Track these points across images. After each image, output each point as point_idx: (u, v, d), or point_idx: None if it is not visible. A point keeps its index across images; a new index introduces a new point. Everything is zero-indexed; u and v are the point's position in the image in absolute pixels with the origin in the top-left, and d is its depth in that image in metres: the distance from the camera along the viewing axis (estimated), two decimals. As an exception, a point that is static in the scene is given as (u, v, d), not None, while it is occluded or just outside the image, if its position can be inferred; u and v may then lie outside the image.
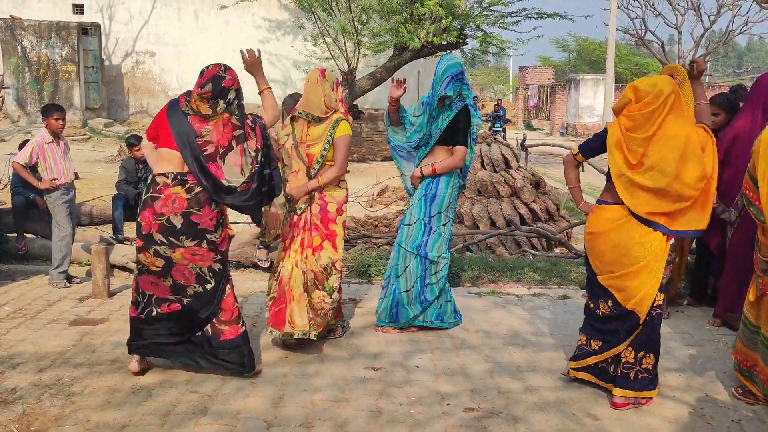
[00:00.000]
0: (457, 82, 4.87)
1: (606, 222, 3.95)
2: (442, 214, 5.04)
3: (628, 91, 3.93)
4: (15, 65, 19.16)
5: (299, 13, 18.81)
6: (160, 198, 3.89)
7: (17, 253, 6.83)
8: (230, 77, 4.03)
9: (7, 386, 3.98)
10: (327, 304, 4.54)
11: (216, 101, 3.96)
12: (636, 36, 32.37)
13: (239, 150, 4.01)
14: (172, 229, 3.90)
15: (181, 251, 3.94)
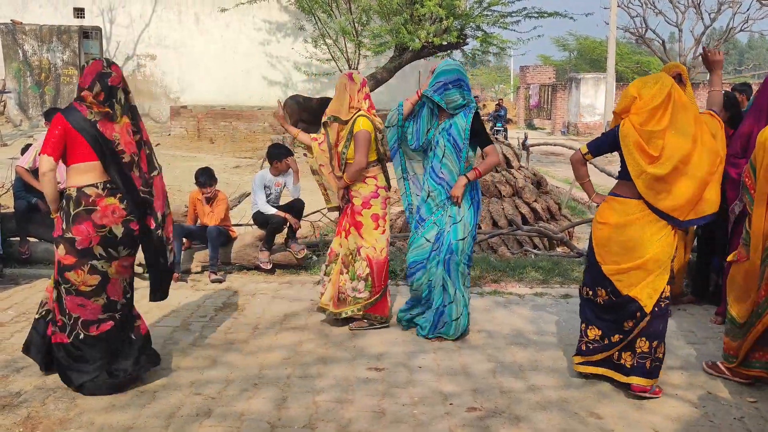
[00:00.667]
0: (450, 90, 4.76)
1: (620, 214, 4.06)
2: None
3: (631, 90, 4.05)
4: (16, 69, 19.22)
5: (299, 14, 18.85)
6: (97, 210, 3.71)
7: (20, 257, 6.85)
8: (116, 73, 3.77)
9: (12, 390, 3.99)
10: (348, 289, 5.04)
11: (111, 103, 3.74)
12: (637, 34, 32.36)
13: (143, 156, 3.89)
14: (112, 240, 3.76)
15: (116, 264, 3.83)
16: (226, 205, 6.98)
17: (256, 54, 20.34)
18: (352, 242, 5.15)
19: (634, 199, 4.03)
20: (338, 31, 16.47)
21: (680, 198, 3.95)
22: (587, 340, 4.26)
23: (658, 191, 3.96)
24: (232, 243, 6.91)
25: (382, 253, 5.15)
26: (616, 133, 4.08)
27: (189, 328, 5.16)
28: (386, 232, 5.21)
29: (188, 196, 7.29)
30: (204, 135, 20.13)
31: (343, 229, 5.23)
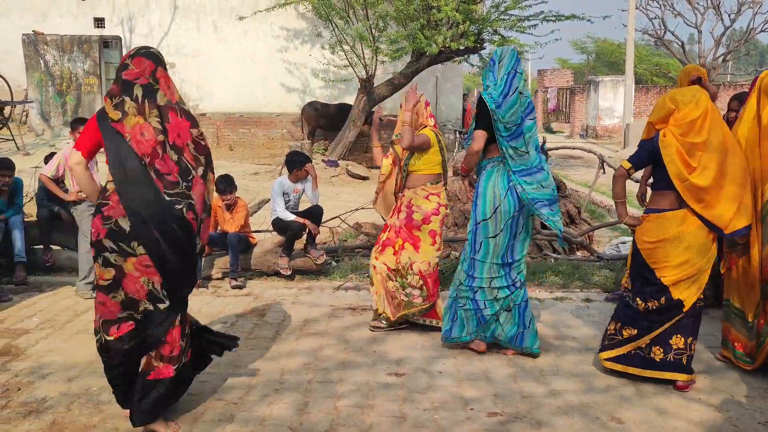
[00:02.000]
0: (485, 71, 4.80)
1: (673, 227, 4.18)
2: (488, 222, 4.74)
3: (668, 102, 4.24)
4: (38, 79, 19.44)
5: (317, 21, 18.91)
6: (108, 204, 3.45)
7: (44, 265, 6.94)
8: (135, 67, 3.44)
9: (38, 396, 4.05)
10: (401, 294, 5.19)
11: (123, 100, 3.41)
12: (655, 36, 32.16)
13: (165, 157, 3.46)
14: (120, 233, 3.40)
15: (132, 261, 3.43)
16: (246, 212, 7.03)
17: (273, 61, 20.41)
18: (405, 257, 5.21)
19: (680, 210, 4.18)
20: (355, 37, 16.50)
21: (721, 209, 4.14)
22: (620, 339, 4.36)
23: (701, 200, 4.13)
24: (252, 249, 6.95)
25: (434, 267, 5.24)
26: (655, 144, 4.20)
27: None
28: (440, 250, 5.32)
29: (208, 203, 7.34)
30: (223, 142, 20.25)
31: (390, 245, 5.26)
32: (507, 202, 4.58)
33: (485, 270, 4.68)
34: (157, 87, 3.49)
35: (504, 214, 4.59)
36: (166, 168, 3.44)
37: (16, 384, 4.21)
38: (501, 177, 4.63)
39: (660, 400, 4.10)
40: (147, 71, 3.44)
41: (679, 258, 4.17)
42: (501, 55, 4.68)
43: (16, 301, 6.00)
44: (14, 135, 17.27)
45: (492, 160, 4.69)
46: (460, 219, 8.82)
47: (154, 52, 3.56)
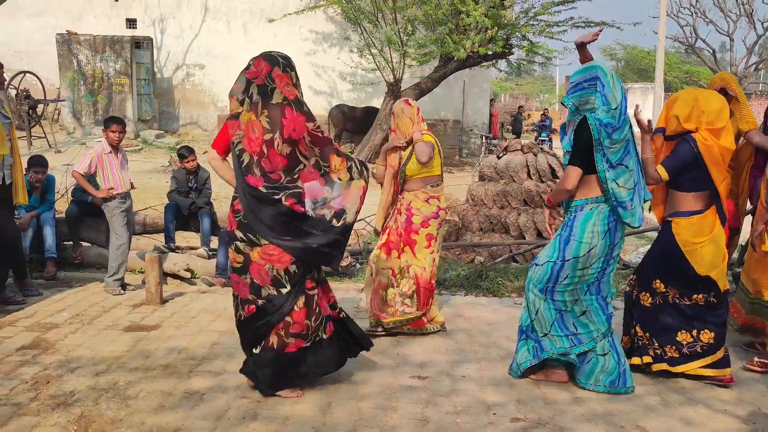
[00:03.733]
0: (585, 90, 4.09)
1: (710, 227, 4.40)
2: (579, 259, 4.18)
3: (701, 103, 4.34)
4: (71, 79, 19.74)
5: (345, 25, 19.00)
6: (238, 198, 3.85)
7: (73, 261, 7.05)
8: (254, 68, 3.67)
9: (66, 389, 4.12)
10: (398, 302, 5.16)
11: (243, 96, 3.71)
12: (686, 44, 31.85)
13: (271, 155, 3.70)
14: (247, 225, 3.79)
15: (258, 250, 3.80)
16: (273, 213, 7.08)
17: (302, 64, 20.45)
18: (404, 260, 5.21)
19: (708, 209, 4.40)
20: (384, 41, 16.56)
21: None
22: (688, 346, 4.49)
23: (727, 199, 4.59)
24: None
25: (429, 273, 5.20)
26: (694, 148, 4.29)
27: (235, 332, 5.22)
28: (435, 253, 5.25)
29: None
30: (250, 143, 20.44)
31: (395, 247, 5.22)
32: (603, 243, 4.16)
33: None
34: (273, 87, 3.73)
35: (596, 256, 4.18)
36: (270, 166, 3.71)
37: (45, 377, 4.29)
38: (602, 217, 4.15)
39: (686, 410, 4.06)
40: (264, 72, 3.68)
41: (711, 255, 4.40)
42: (605, 71, 4.12)
43: (46, 296, 6.10)
44: (46, 133, 17.57)
45: (591, 200, 4.16)
46: (485, 224, 8.80)
47: (273, 55, 3.82)
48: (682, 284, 4.45)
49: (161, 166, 15.78)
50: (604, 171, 4.04)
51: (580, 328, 4.27)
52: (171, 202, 7.42)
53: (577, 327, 4.27)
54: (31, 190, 6.71)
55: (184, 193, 7.47)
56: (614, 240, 4.20)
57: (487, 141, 20.48)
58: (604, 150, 4.01)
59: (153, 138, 19.87)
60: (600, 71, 4.10)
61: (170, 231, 7.31)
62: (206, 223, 7.23)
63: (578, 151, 4.10)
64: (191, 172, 7.51)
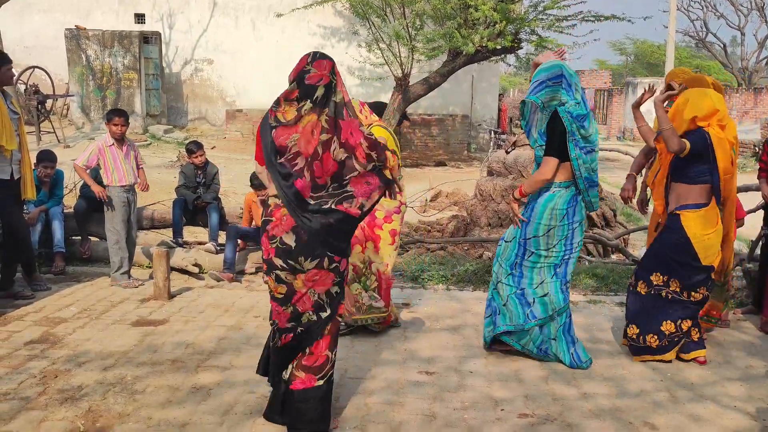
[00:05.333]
0: (550, 87, 4.36)
1: (716, 219, 4.61)
2: (539, 239, 4.49)
3: (716, 102, 4.51)
4: (80, 74, 19.79)
5: (354, 19, 18.96)
6: (272, 220, 3.45)
7: (81, 256, 7.07)
8: (317, 70, 3.40)
9: (74, 384, 4.13)
10: (365, 298, 4.97)
11: (304, 102, 3.38)
12: (696, 38, 31.66)
13: (324, 158, 3.37)
14: (287, 250, 3.39)
15: (302, 278, 3.43)
16: (281, 208, 7.07)
17: (310, 59, 20.57)
18: (367, 255, 5.05)
19: (713, 202, 4.57)
20: (392, 35, 16.51)
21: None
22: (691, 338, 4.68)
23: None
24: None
25: (389, 270, 5.15)
26: (707, 138, 4.44)
27: (243, 327, 5.25)
28: (397, 249, 5.23)
29: (243, 198, 7.42)
30: (258, 138, 20.44)
31: (357, 242, 4.96)
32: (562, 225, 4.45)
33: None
34: (335, 83, 3.47)
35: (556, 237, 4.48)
36: (320, 170, 3.36)
37: (53, 371, 4.30)
38: (562, 201, 4.43)
39: (694, 406, 4.04)
40: (327, 69, 3.43)
41: (718, 245, 4.63)
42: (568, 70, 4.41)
43: (55, 291, 6.12)
44: (55, 128, 17.62)
45: (559, 185, 4.44)
46: (494, 219, 8.78)
47: (324, 53, 3.55)
48: (685, 276, 4.57)
49: (169, 161, 15.81)
50: (576, 159, 4.36)
51: (538, 304, 4.54)
52: (179, 197, 7.43)
53: (535, 301, 4.55)
54: (39, 185, 6.74)
55: (193, 188, 7.47)
56: (572, 223, 4.48)
57: (495, 136, 20.42)
58: (576, 139, 4.35)
59: (161, 133, 19.91)
60: (563, 68, 4.41)
61: (178, 226, 7.32)
62: (214, 218, 7.23)
63: (553, 142, 4.38)
64: (200, 167, 7.51)
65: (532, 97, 4.39)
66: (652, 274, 4.67)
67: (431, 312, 5.74)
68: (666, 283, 4.63)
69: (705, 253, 4.54)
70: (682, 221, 4.53)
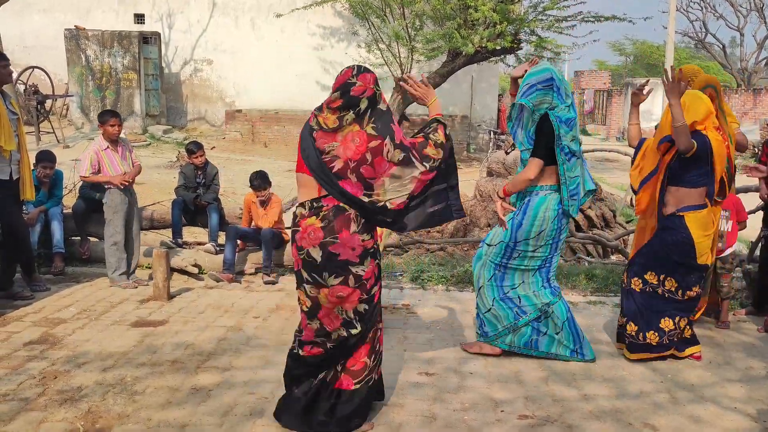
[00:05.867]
0: (540, 91, 4.44)
1: (714, 220, 4.75)
2: (530, 241, 4.57)
3: (709, 105, 4.58)
4: (79, 74, 19.78)
5: (353, 20, 18.96)
6: (299, 231, 3.50)
7: (81, 257, 7.06)
8: (361, 83, 3.49)
9: (73, 385, 4.12)
10: None
11: (346, 112, 3.46)
12: (696, 39, 31.68)
13: (377, 162, 3.42)
14: (312, 264, 3.45)
15: (325, 292, 3.47)
16: (280, 208, 7.08)
17: (310, 59, 20.51)
18: None
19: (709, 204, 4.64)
20: (392, 36, 16.51)
21: None
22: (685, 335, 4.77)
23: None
24: (286, 245, 6.99)
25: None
26: (707, 143, 4.49)
27: (242, 328, 5.24)
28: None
29: (243, 198, 7.41)
30: (258, 139, 20.42)
31: None
32: (552, 227, 4.54)
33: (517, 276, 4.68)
34: (379, 94, 3.57)
35: (545, 239, 4.57)
36: (373, 173, 3.41)
37: (52, 372, 4.29)
38: (554, 203, 4.51)
39: (695, 407, 4.03)
40: (371, 82, 3.53)
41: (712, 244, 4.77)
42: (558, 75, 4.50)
43: (54, 291, 6.11)
44: (55, 128, 17.61)
45: (549, 187, 4.53)
46: (493, 220, 8.77)
47: (367, 67, 3.67)
48: (682, 275, 4.65)
49: (169, 162, 15.80)
50: (562, 164, 4.45)
51: (525, 301, 4.64)
52: (178, 197, 7.42)
53: (521, 299, 4.64)
54: (38, 185, 6.72)
55: (192, 188, 7.47)
56: (561, 225, 4.57)
57: (495, 136, 20.41)
58: (563, 144, 4.42)
59: (161, 133, 19.90)
60: (553, 73, 4.49)
61: (177, 226, 7.31)
62: (214, 219, 7.23)
63: (540, 144, 4.47)
64: (199, 167, 7.51)
65: (523, 99, 4.46)
66: (647, 272, 4.70)
67: (431, 313, 5.74)
68: (661, 282, 4.68)
69: (702, 253, 4.61)
70: (687, 222, 4.57)
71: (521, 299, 4.65)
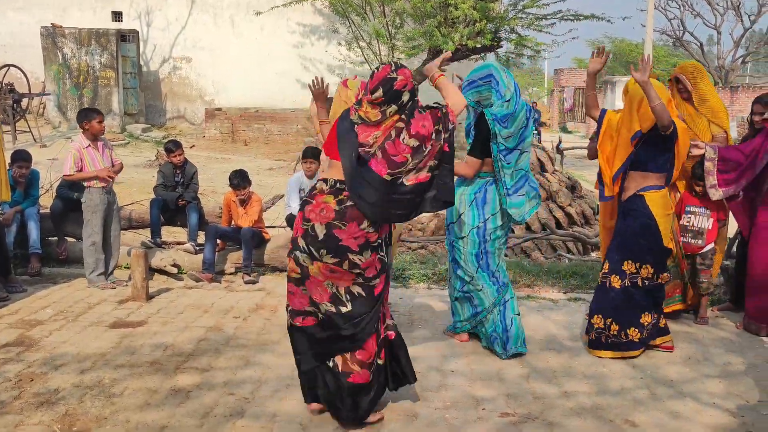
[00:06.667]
0: (482, 87, 4.60)
1: (671, 202, 4.91)
2: (454, 225, 4.84)
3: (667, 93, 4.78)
4: (56, 72, 19.57)
5: (333, 17, 18.92)
6: (311, 203, 3.61)
7: (58, 257, 6.97)
8: (402, 77, 3.63)
9: (50, 387, 4.06)
10: None
11: (388, 105, 3.60)
12: (674, 37, 31.96)
13: (396, 142, 3.57)
14: (314, 238, 3.55)
15: (318, 265, 3.57)
16: (260, 207, 7.03)
17: (290, 57, 20.43)
18: None
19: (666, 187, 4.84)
20: (372, 34, 16.49)
21: None
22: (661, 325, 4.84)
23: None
24: (266, 245, 6.96)
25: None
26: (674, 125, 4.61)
27: (222, 328, 5.20)
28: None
29: (223, 197, 7.36)
30: (238, 137, 20.30)
31: None
32: (471, 213, 4.70)
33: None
34: (417, 88, 3.73)
35: (468, 225, 4.72)
36: (395, 150, 3.54)
37: (29, 375, 4.23)
38: (471, 189, 4.71)
39: (674, 403, 4.06)
40: (410, 76, 3.67)
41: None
42: (498, 70, 4.60)
43: (31, 293, 6.03)
44: (31, 127, 17.40)
45: (482, 174, 4.70)
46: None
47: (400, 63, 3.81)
48: (654, 258, 4.71)
49: (148, 161, 15.67)
50: (498, 161, 4.55)
51: (476, 299, 4.78)
52: (157, 196, 7.36)
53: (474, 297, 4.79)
54: (14, 185, 6.63)
55: (171, 187, 7.40)
56: (483, 213, 4.65)
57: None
58: (498, 141, 4.51)
59: (139, 132, 19.74)
60: (493, 69, 4.60)
61: (156, 226, 7.24)
62: (193, 218, 7.16)
63: (477, 142, 4.61)
64: (178, 166, 7.44)
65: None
66: (623, 263, 4.72)
67: (413, 311, 5.73)
68: (638, 270, 4.70)
69: (664, 234, 4.73)
70: (647, 201, 4.67)
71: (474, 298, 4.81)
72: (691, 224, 5.40)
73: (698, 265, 5.44)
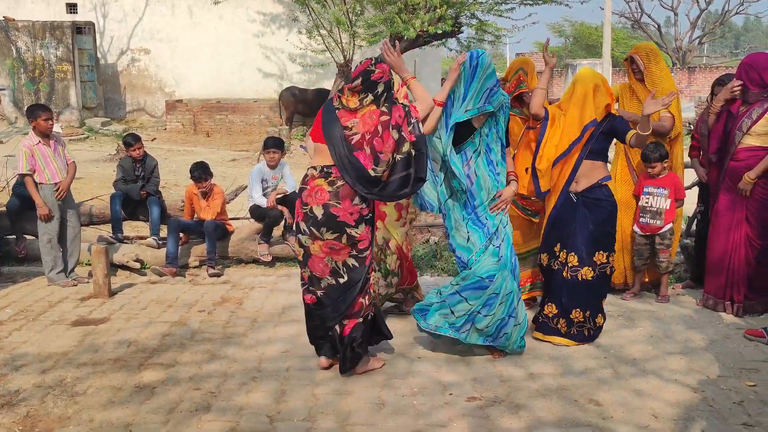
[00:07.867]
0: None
1: None
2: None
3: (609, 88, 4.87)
4: (10, 66, 19.11)
5: (293, 6, 18.71)
6: (306, 189, 4.06)
7: (17, 256, 6.83)
8: (380, 71, 4.08)
9: (11, 388, 3.99)
10: (380, 287, 4.97)
11: (365, 94, 4.04)
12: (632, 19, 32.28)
13: (385, 136, 3.99)
14: (314, 219, 4.01)
15: (319, 243, 4.04)
16: (223, 199, 6.97)
17: (250, 46, 20.20)
18: (380, 237, 4.95)
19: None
20: (332, 21, 16.36)
21: None
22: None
23: None
24: (230, 237, 6.90)
25: (405, 246, 5.10)
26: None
27: (187, 323, 5.16)
28: (406, 225, 5.13)
29: (185, 190, 7.27)
30: (200, 129, 20.04)
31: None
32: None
33: None
34: (393, 80, 4.20)
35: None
36: (382, 146, 3.97)
37: (-12, 376, 4.15)
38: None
39: (637, 381, 4.13)
40: (387, 70, 4.13)
41: None
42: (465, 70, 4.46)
43: (-11, 293, 5.91)
44: (-14, 123, 17.00)
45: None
46: (438, 204, 8.79)
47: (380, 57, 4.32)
48: (611, 244, 4.78)
49: (108, 155, 15.37)
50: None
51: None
52: (118, 191, 7.24)
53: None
54: (-32, 183, 6.47)
55: (131, 181, 7.30)
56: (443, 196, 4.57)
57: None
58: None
59: (99, 126, 19.37)
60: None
61: (118, 221, 7.14)
62: (155, 212, 7.07)
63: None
64: (138, 160, 7.33)
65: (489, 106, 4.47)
66: (594, 254, 4.68)
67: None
68: (608, 260, 4.73)
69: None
70: (612, 190, 4.78)
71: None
72: (650, 205, 5.49)
73: (657, 245, 5.53)
